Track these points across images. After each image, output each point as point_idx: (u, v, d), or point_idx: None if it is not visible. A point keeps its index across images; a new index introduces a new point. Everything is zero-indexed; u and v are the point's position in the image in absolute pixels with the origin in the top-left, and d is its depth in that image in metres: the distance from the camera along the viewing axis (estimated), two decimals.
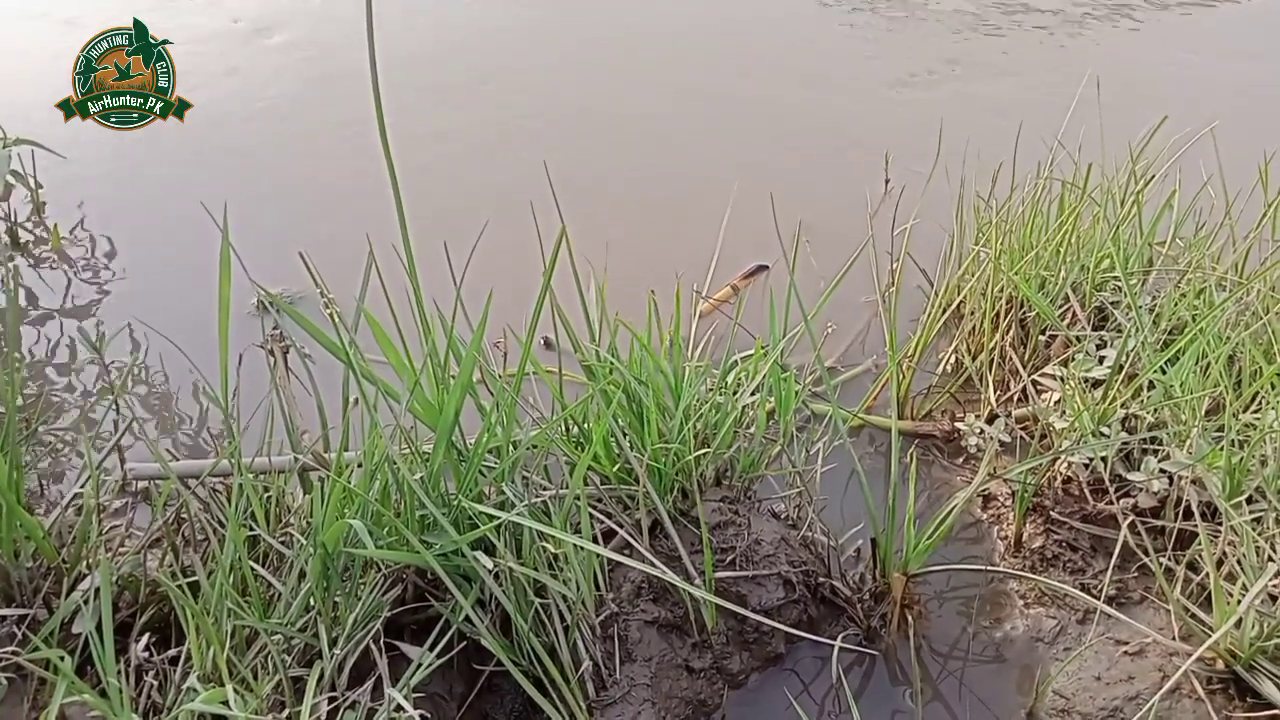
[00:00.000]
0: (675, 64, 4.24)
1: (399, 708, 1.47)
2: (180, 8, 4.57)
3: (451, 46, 4.34)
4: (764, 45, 4.39)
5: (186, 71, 2.35)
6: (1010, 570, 2.02)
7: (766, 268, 2.86)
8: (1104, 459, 2.03)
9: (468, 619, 1.62)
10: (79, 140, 3.38)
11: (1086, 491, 2.08)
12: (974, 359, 2.43)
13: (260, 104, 3.83)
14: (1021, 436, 2.25)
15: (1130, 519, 1.94)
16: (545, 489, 1.77)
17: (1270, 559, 1.73)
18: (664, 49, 4.37)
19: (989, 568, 2.03)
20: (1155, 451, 2.03)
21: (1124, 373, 2.09)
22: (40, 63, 3.95)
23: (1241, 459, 1.86)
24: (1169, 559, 1.90)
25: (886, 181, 3.24)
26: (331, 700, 1.52)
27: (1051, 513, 2.08)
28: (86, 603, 1.61)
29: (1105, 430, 2.05)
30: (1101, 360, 2.23)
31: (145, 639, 1.59)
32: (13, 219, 3.05)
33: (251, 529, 1.71)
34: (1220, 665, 1.73)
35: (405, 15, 4.51)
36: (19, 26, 4.34)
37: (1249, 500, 1.85)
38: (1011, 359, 2.39)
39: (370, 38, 1.49)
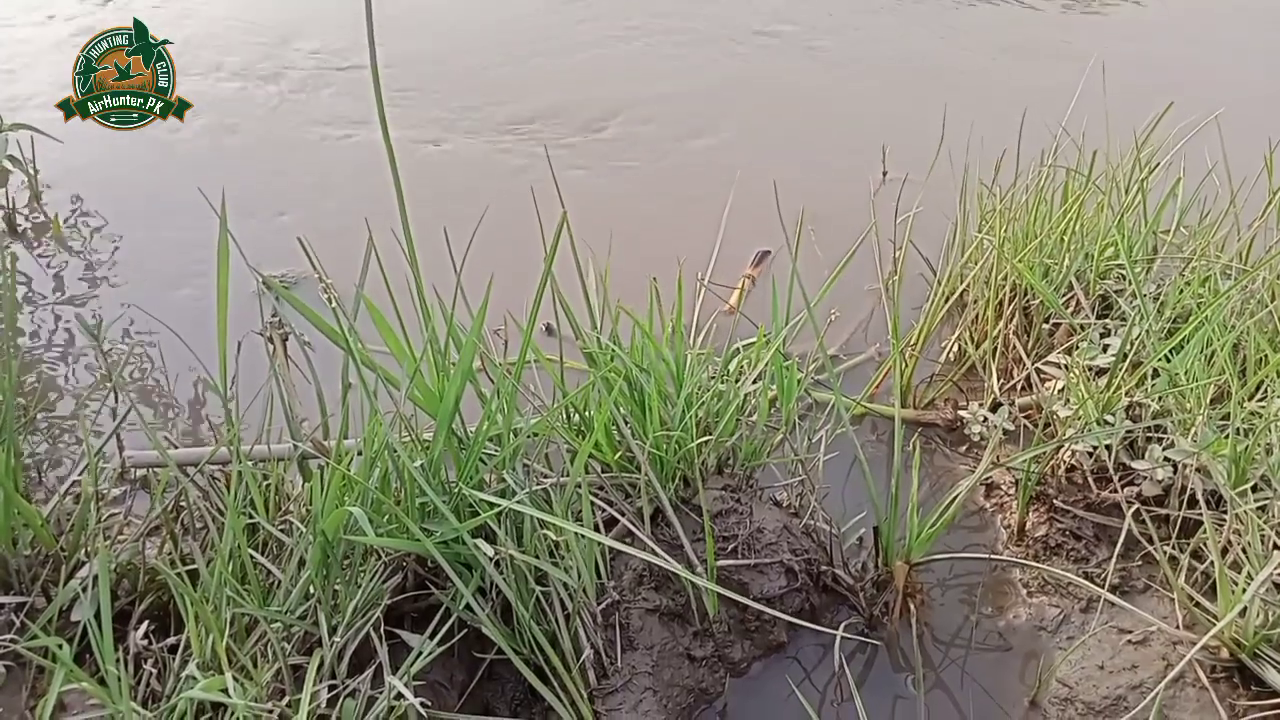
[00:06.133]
0: (677, 51, 4.21)
1: (399, 696, 1.46)
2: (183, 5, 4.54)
3: (455, 35, 4.32)
4: (765, 27, 4.37)
5: (187, 65, 2.34)
6: (1013, 559, 2.01)
7: (769, 252, 2.85)
8: (1108, 447, 2.02)
9: (468, 607, 1.61)
10: (78, 129, 3.38)
11: (1090, 480, 2.07)
12: (977, 347, 2.42)
13: (262, 93, 3.80)
14: (1025, 425, 2.24)
15: (1134, 507, 1.93)
16: (546, 477, 1.76)
17: (1275, 547, 1.73)
18: (664, 37, 4.34)
19: (992, 556, 2.03)
20: (1160, 439, 2.02)
21: (1128, 361, 2.08)
22: (41, 63, 3.94)
23: (1246, 447, 1.85)
24: (1173, 547, 1.89)
25: (884, 174, 3.23)
26: (331, 688, 1.51)
27: (1055, 501, 2.07)
28: (85, 590, 1.61)
29: (1109, 418, 2.04)
30: (1106, 348, 2.22)
31: (144, 627, 1.59)
32: (11, 206, 3.03)
33: (251, 517, 1.70)
34: (1224, 654, 1.73)
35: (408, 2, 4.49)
36: (18, 27, 4.31)
37: (1254, 488, 1.84)
38: (1015, 347, 2.38)
39: (369, 25, 1.47)
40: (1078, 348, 2.24)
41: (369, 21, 1.50)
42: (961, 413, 2.28)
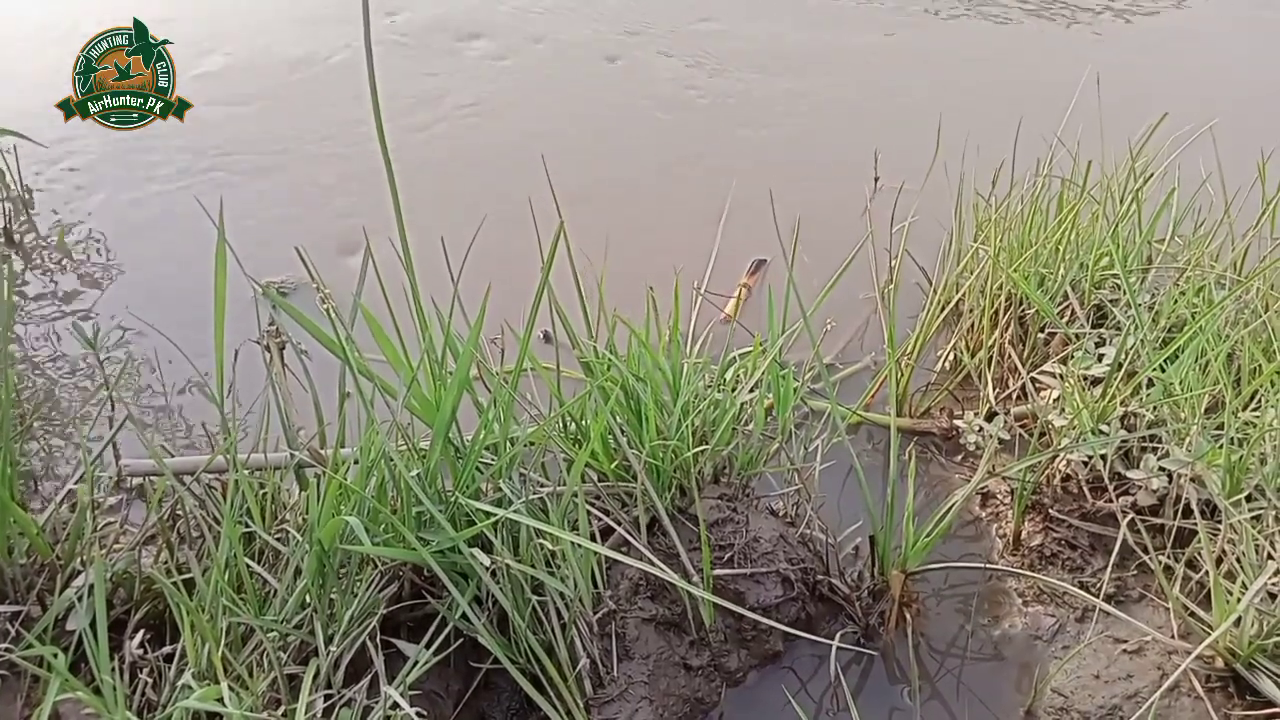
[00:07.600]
0: (673, 60, 4.23)
1: (395, 705, 1.46)
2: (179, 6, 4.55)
3: (448, 43, 4.33)
4: (766, 39, 4.38)
5: (185, 68, 2.34)
6: (1009, 568, 2.01)
7: (765, 261, 2.86)
8: (1103, 457, 2.03)
9: (464, 616, 1.61)
10: (74, 136, 3.38)
11: (1085, 489, 2.08)
12: (973, 356, 2.43)
13: (257, 99, 3.81)
14: (1020, 434, 2.25)
15: (1129, 517, 1.94)
16: (543, 486, 1.76)
17: (1270, 557, 1.73)
18: (660, 44, 4.35)
19: (988, 565, 2.03)
20: (1154, 449, 2.02)
21: (1123, 370, 2.09)
22: (40, 63, 3.94)
23: (1241, 457, 1.85)
24: (1168, 557, 1.89)
25: (876, 179, 3.23)
26: (327, 698, 1.51)
27: (1050, 510, 2.08)
28: (81, 599, 1.60)
29: (1104, 428, 2.04)
30: (1101, 358, 2.22)
31: (140, 636, 1.58)
32: (7, 216, 3.03)
33: (247, 526, 1.70)
34: (1219, 663, 1.73)
35: (401, 5, 4.50)
36: (18, 27, 4.32)
37: (1248, 498, 1.85)
38: (1010, 356, 2.39)
39: (366, 30, 1.48)
40: (1073, 357, 2.25)
41: (366, 27, 1.50)
42: (957, 422, 2.29)
